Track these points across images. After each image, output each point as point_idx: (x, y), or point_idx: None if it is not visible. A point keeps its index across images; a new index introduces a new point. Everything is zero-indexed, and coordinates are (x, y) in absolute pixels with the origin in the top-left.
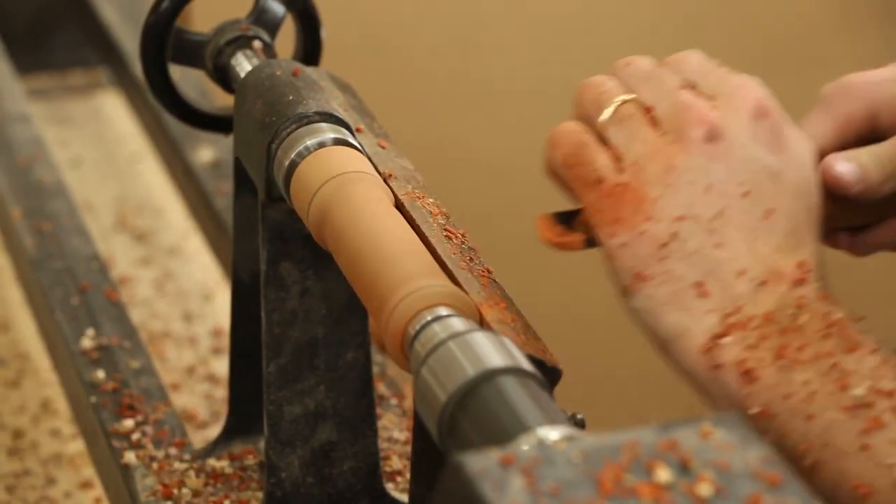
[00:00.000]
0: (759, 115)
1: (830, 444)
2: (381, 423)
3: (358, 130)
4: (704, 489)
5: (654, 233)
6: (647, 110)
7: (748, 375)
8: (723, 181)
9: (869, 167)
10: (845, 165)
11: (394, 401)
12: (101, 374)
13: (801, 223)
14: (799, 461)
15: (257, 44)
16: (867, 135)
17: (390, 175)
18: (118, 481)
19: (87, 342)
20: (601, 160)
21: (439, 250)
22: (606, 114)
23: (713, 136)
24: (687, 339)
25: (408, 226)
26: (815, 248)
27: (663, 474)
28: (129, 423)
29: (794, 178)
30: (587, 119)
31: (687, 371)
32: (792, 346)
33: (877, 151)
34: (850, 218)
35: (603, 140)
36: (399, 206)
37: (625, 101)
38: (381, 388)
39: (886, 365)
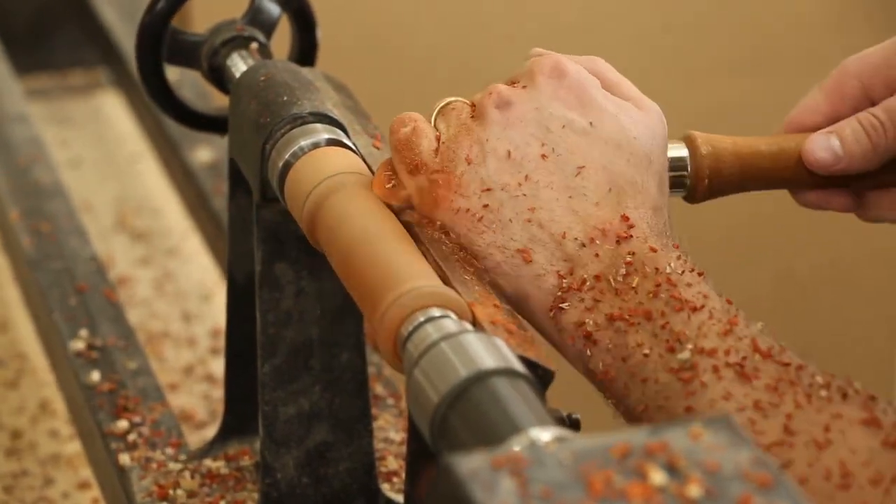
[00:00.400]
0: (556, 76)
1: (664, 406)
2: (377, 424)
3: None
4: (694, 490)
5: (468, 208)
6: (472, 106)
7: (588, 339)
8: (523, 144)
9: (851, 141)
10: (823, 145)
11: (390, 401)
12: (98, 374)
13: (621, 176)
14: (639, 423)
15: (253, 44)
16: (863, 107)
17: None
18: (115, 482)
19: (84, 343)
20: (425, 143)
21: (432, 251)
22: (437, 108)
23: (503, 104)
24: (531, 304)
25: (400, 226)
26: (645, 199)
27: (654, 476)
28: (125, 423)
29: (606, 132)
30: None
31: (541, 333)
32: (624, 307)
33: (861, 119)
34: (847, 181)
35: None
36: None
37: (454, 101)
38: (377, 388)
39: (711, 321)
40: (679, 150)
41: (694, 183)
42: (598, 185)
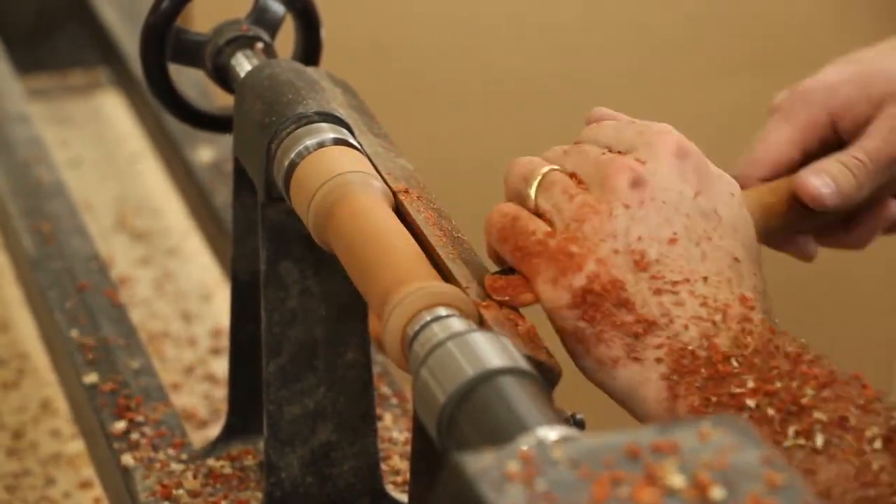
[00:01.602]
0: (682, 156)
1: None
2: (381, 423)
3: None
4: (703, 490)
5: (599, 289)
6: (573, 176)
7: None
8: (656, 226)
9: (840, 179)
10: (818, 181)
11: (394, 400)
12: (100, 374)
13: (740, 258)
14: None
15: (257, 44)
16: (830, 139)
17: (390, 175)
18: (117, 482)
19: (86, 342)
20: (535, 227)
21: (438, 250)
22: (534, 184)
23: (637, 182)
24: (645, 390)
25: (405, 228)
26: (756, 282)
27: (662, 475)
28: (128, 423)
29: (725, 215)
30: (518, 196)
31: (650, 420)
32: (741, 387)
33: (844, 161)
34: (824, 220)
35: (535, 212)
36: (398, 206)
37: (550, 171)
38: (382, 387)
39: (844, 392)
40: None
41: None
42: (720, 269)
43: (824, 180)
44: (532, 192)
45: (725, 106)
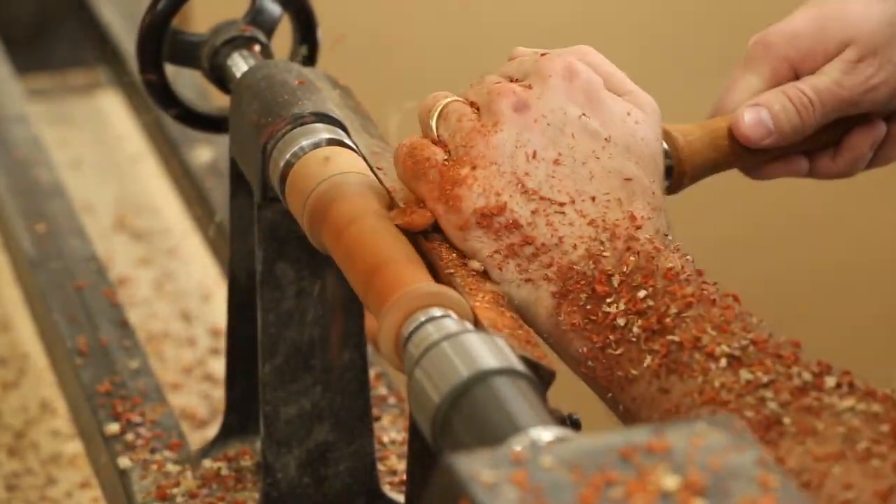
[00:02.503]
0: (569, 77)
1: (655, 400)
2: (378, 424)
3: (349, 122)
4: (697, 490)
5: (488, 212)
6: (472, 104)
7: (584, 337)
8: (541, 147)
9: (782, 118)
10: (754, 120)
11: (391, 400)
12: (98, 375)
13: (633, 176)
14: (632, 419)
15: (254, 44)
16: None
17: (385, 175)
18: (115, 482)
19: (84, 342)
20: (431, 153)
21: (433, 250)
22: (434, 114)
23: (520, 105)
24: (536, 308)
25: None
26: (651, 200)
27: (655, 476)
28: (125, 424)
29: (616, 134)
30: (424, 129)
31: (543, 337)
32: (627, 305)
33: (791, 96)
34: (767, 155)
35: (436, 141)
36: (393, 206)
37: (450, 101)
38: (379, 388)
39: (707, 313)
40: None
41: (678, 175)
42: (609, 188)
43: (761, 117)
44: (433, 122)
45: None
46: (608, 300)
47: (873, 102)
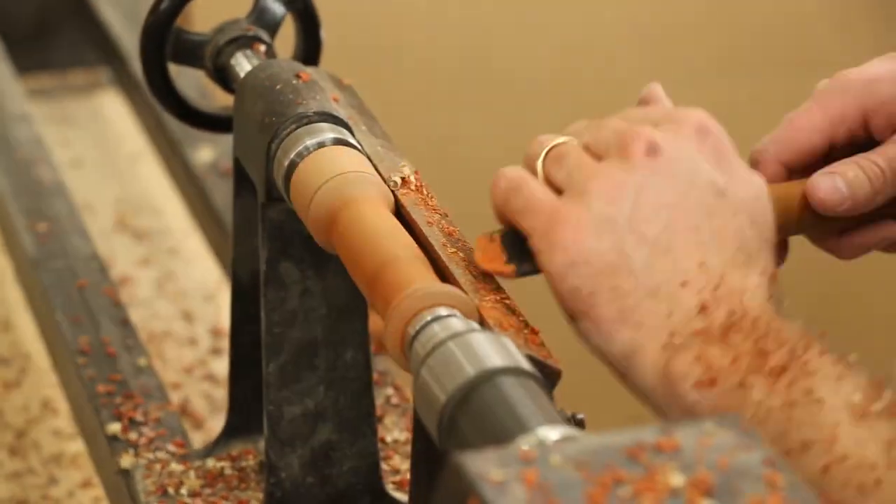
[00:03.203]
0: (702, 133)
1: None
2: (382, 423)
3: (353, 122)
4: (705, 489)
5: (600, 251)
6: (587, 147)
7: (700, 388)
8: (667, 195)
9: (855, 185)
10: (829, 186)
11: (395, 400)
12: (100, 374)
13: (750, 241)
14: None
15: (257, 44)
16: (859, 133)
17: (389, 175)
18: (117, 482)
19: (86, 342)
20: (539, 188)
21: (439, 250)
22: (542, 153)
23: (654, 150)
24: (642, 356)
25: (405, 226)
26: (766, 268)
27: (664, 474)
28: (128, 423)
29: (741, 196)
30: (530, 165)
31: (645, 389)
32: (745, 356)
33: (863, 165)
34: (838, 224)
35: (546, 180)
36: (398, 206)
37: (562, 142)
38: (383, 387)
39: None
40: None
41: None
42: (728, 246)
43: (836, 184)
44: (540, 160)
45: (725, 105)
46: (721, 350)
47: None
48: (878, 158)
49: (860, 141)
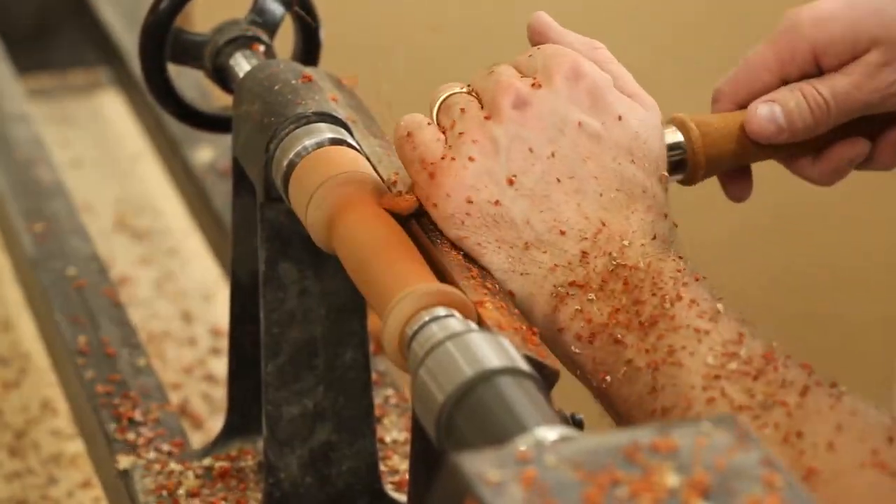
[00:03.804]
0: (573, 77)
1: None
2: (381, 424)
3: (352, 122)
4: (702, 490)
5: (479, 203)
6: (477, 96)
7: (580, 341)
8: (539, 145)
9: (794, 115)
10: (766, 116)
11: (394, 401)
12: (100, 374)
13: (630, 180)
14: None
15: (256, 44)
16: (811, 71)
17: (388, 175)
18: (117, 482)
19: (85, 342)
20: (429, 136)
21: (436, 249)
22: (437, 102)
23: (521, 103)
24: (534, 304)
25: (403, 231)
26: (653, 204)
27: (661, 475)
28: (127, 423)
29: (617, 136)
30: (429, 114)
31: (544, 339)
32: (619, 316)
33: (806, 94)
34: (801, 147)
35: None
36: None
37: (454, 93)
38: (382, 388)
39: (700, 333)
40: (673, 135)
41: (693, 167)
42: (607, 188)
43: (774, 114)
44: (434, 108)
45: None
46: (599, 303)
47: (893, 105)
48: (824, 88)
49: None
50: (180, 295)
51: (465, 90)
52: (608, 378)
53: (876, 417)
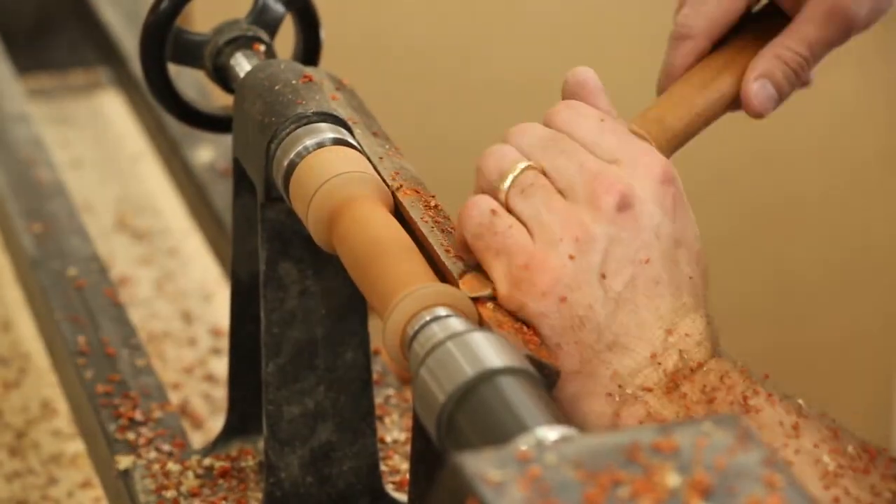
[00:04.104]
0: (666, 183)
1: None
2: (382, 424)
3: (353, 122)
4: (703, 490)
5: (571, 304)
6: (551, 180)
7: None
8: (634, 249)
9: (784, 85)
10: (764, 96)
11: (395, 401)
12: (100, 374)
13: (697, 285)
14: None
15: (257, 44)
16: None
17: (388, 175)
18: (117, 482)
19: (85, 342)
20: (511, 230)
21: (438, 250)
22: (508, 181)
23: (624, 205)
24: (587, 403)
25: (405, 233)
26: (707, 310)
27: (662, 475)
28: (127, 423)
29: (690, 242)
30: (491, 189)
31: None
32: (691, 403)
33: (788, 61)
34: None
35: (508, 209)
36: (398, 206)
37: (526, 168)
38: (382, 387)
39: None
40: None
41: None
42: (682, 294)
43: (768, 91)
44: (505, 187)
45: None
46: (672, 405)
47: (861, 30)
48: (800, 46)
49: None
50: (180, 295)
51: (534, 166)
52: None
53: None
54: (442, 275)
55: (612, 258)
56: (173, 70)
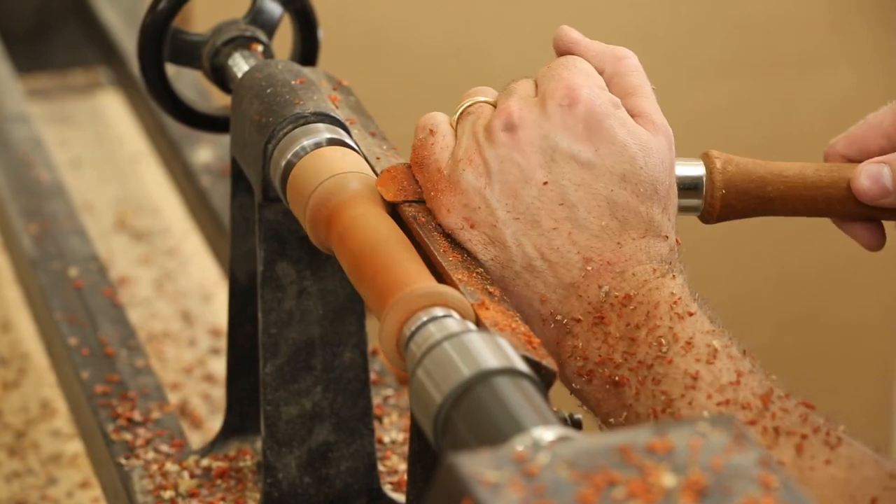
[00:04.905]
0: (567, 104)
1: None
2: (379, 424)
3: (350, 122)
4: (698, 490)
5: (474, 222)
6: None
7: (580, 375)
8: (530, 169)
9: None
10: (874, 176)
11: (393, 401)
12: (98, 374)
13: (624, 207)
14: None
15: (255, 44)
16: None
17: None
18: (116, 482)
19: (84, 342)
20: (434, 147)
21: (434, 250)
22: (459, 109)
23: (510, 126)
24: (531, 325)
25: (402, 233)
26: (648, 228)
27: (657, 475)
28: (126, 423)
29: (611, 164)
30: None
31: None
32: (616, 346)
33: None
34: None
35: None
36: (395, 206)
37: (475, 103)
38: (380, 388)
39: (700, 361)
40: (696, 169)
41: (709, 202)
42: (598, 216)
43: (882, 175)
44: (455, 115)
45: (724, 106)
46: (596, 341)
47: None
48: None
49: None
50: (180, 295)
51: (489, 100)
52: (611, 420)
53: (873, 468)
54: (438, 275)
55: (507, 179)
56: (172, 70)
